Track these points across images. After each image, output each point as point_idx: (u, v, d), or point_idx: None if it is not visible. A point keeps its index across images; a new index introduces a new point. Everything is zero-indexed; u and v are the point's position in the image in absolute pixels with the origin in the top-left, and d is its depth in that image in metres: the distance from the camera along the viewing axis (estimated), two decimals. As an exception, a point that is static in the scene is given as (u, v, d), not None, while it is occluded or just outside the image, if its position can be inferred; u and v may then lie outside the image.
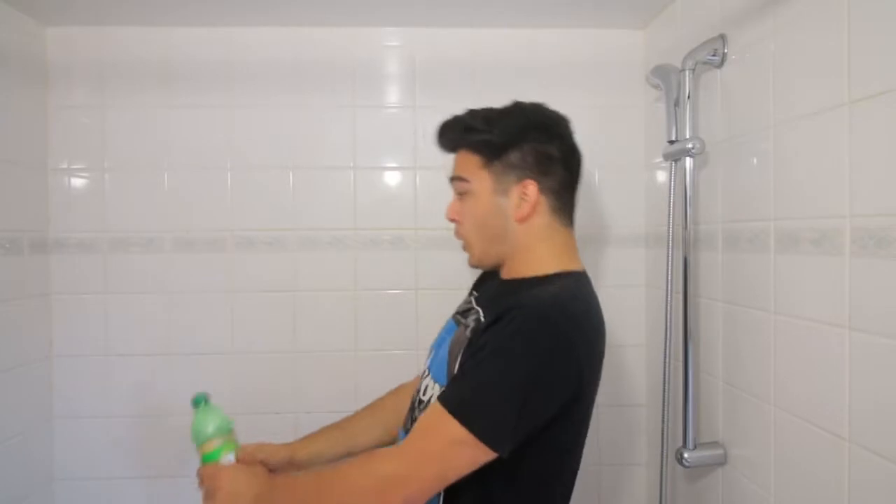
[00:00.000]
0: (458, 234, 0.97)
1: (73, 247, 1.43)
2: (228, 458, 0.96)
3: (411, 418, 0.94)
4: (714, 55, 1.10)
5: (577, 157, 0.95)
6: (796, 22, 0.90)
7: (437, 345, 0.98)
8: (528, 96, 1.46)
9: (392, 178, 1.47)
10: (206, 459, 0.97)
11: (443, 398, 0.77)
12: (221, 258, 1.44)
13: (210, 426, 0.97)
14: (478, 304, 0.94)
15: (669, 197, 1.18)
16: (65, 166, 1.43)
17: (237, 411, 1.44)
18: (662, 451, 1.20)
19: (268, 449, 1.04)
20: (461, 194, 0.94)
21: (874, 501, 0.76)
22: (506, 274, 0.95)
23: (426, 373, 0.96)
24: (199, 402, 1.01)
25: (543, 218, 0.91)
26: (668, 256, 1.19)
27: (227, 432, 0.98)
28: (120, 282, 1.43)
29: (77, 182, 1.43)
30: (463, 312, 0.97)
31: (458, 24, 1.45)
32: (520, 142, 0.89)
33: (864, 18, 0.77)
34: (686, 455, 1.10)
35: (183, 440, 1.45)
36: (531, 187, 0.89)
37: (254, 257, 1.45)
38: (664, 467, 1.21)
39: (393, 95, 1.47)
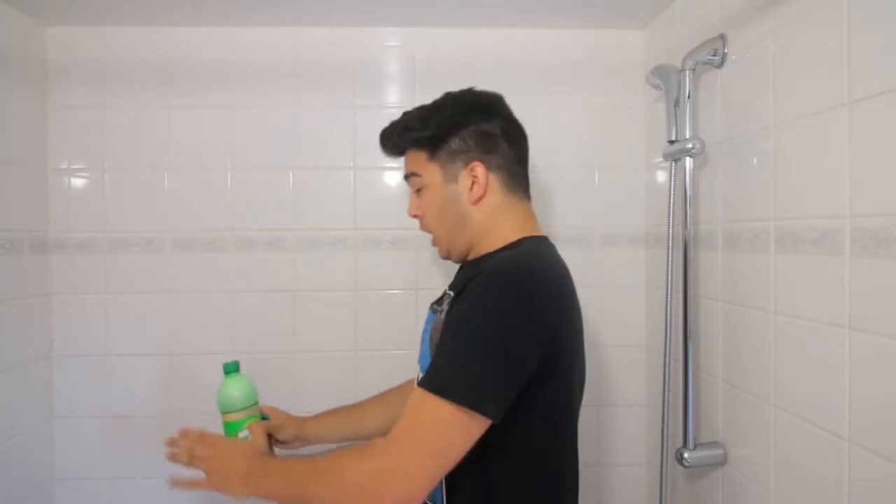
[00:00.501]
0: (422, 228, 1.01)
1: (73, 247, 1.43)
2: (246, 433, 0.98)
3: None
4: (714, 55, 1.10)
5: (517, 130, 0.97)
6: (796, 22, 0.90)
7: (423, 335, 0.99)
8: (529, 96, 1.46)
9: (392, 178, 1.47)
10: (228, 428, 0.99)
11: (421, 381, 0.77)
12: (221, 258, 1.44)
13: (237, 396, 0.98)
14: (450, 289, 0.96)
15: (669, 197, 1.18)
16: (65, 166, 1.43)
17: (237, 411, 1.45)
18: (662, 451, 1.20)
19: (279, 419, 1.08)
20: (418, 190, 0.97)
21: (874, 501, 0.76)
22: (472, 256, 0.97)
23: (417, 369, 0.98)
24: (231, 369, 1.01)
25: (497, 196, 0.93)
26: (668, 256, 1.19)
27: (252, 405, 1.00)
28: (120, 282, 1.43)
29: (77, 182, 1.43)
30: (438, 301, 0.98)
31: (458, 24, 1.45)
32: (457, 128, 0.92)
33: (864, 18, 0.77)
34: (686, 455, 1.10)
35: (183, 440, 1.45)
36: (479, 168, 0.91)
37: (254, 257, 1.45)
38: (664, 467, 1.21)
39: (393, 95, 1.47)
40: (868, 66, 0.76)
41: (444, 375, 0.76)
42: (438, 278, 1.46)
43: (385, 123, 1.45)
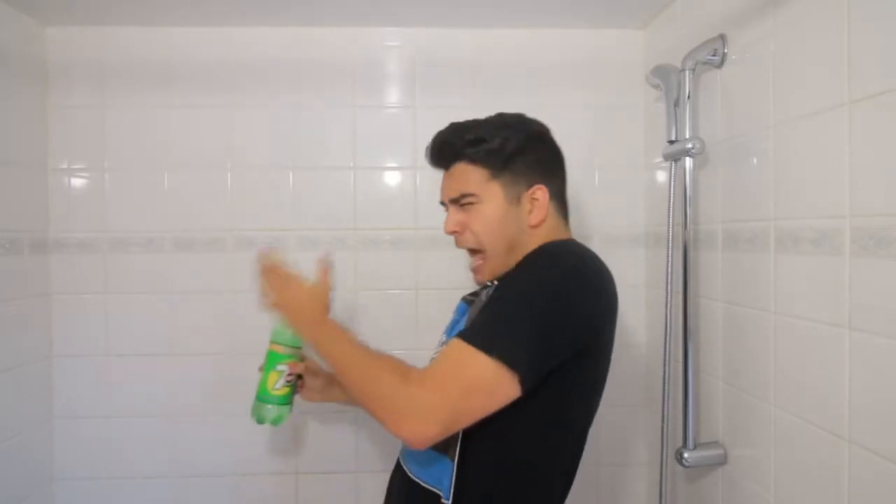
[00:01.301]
0: (461, 244, 0.96)
1: (73, 247, 1.43)
2: (282, 367, 1.04)
3: None
4: (714, 55, 1.10)
5: (563, 160, 1.00)
6: (796, 22, 0.90)
7: (451, 328, 1.00)
8: (528, 96, 1.47)
9: (392, 178, 1.47)
10: (270, 357, 1.05)
11: (462, 335, 0.79)
12: (221, 258, 1.44)
13: (290, 333, 1.04)
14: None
15: (669, 197, 1.18)
16: (65, 166, 1.43)
17: (237, 412, 1.45)
18: (662, 451, 1.20)
19: (315, 367, 1.12)
20: (464, 205, 0.93)
21: (874, 501, 0.76)
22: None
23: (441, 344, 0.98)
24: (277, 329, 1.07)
25: (553, 221, 0.95)
26: (668, 256, 1.19)
27: (297, 348, 1.06)
28: (120, 282, 1.43)
29: (77, 182, 1.43)
30: (473, 293, 0.99)
31: (458, 24, 1.45)
32: (524, 149, 0.91)
33: (864, 18, 0.77)
34: (686, 455, 1.10)
35: (183, 440, 1.45)
36: (541, 192, 0.91)
37: (254, 257, 1.44)
38: (664, 467, 1.21)
39: (393, 95, 1.47)
40: (868, 66, 0.76)
41: (487, 332, 0.77)
42: (439, 278, 1.46)
43: (385, 123, 1.47)
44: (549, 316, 0.78)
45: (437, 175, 1.61)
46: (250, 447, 1.45)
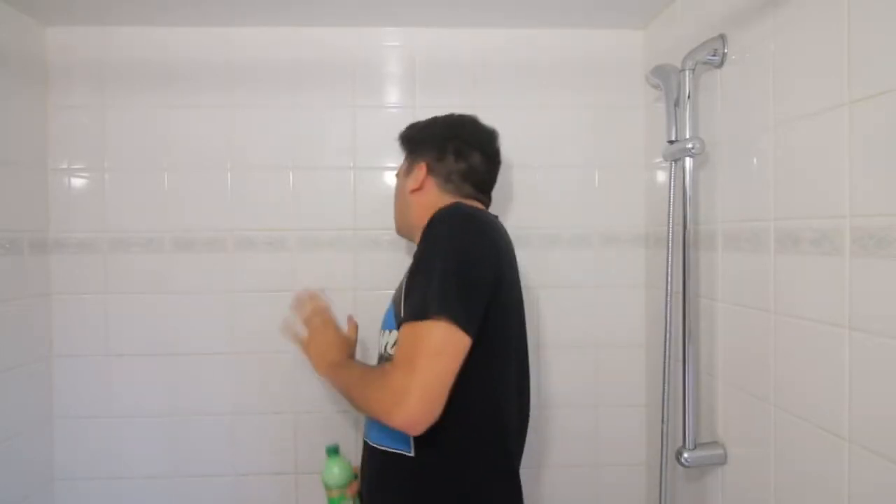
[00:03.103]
0: None
1: (73, 247, 1.43)
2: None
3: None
4: (714, 55, 1.10)
5: (475, 155, 1.10)
6: (796, 22, 0.90)
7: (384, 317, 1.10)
8: (528, 96, 1.47)
9: (392, 178, 1.47)
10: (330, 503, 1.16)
11: (404, 318, 0.87)
12: (221, 258, 1.44)
13: (336, 475, 1.15)
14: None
15: (669, 197, 1.18)
16: (65, 166, 1.43)
17: (237, 411, 1.46)
18: (662, 451, 1.20)
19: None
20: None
21: (874, 501, 0.76)
22: (416, 240, 1.06)
23: (380, 336, 1.07)
24: (330, 452, 1.17)
25: (433, 193, 1.09)
26: (667, 256, 1.19)
27: (347, 485, 1.15)
28: (120, 282, 1.43)
29: (77, 182, 1.43)
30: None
31: (458, 24, 1.45)
32: (428, 138, 1.12)
33: (864, 18, 0.77)
34: (686, 455, 1.10)
35: (183, 440, 1.45)
36: (421, 168, 1.09)
37: (254, 257, 1.45)
38: (664, 467, 1.21)
39: (393, 95, 1.47)
40: (868, 66, 0.76)
41: (419, 303, 0.85)
42: (438, 278, 1.46)
43: (385, 123, 1.47)
44: (461, 266, 0.87)
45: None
46: (250, 447, 1.45)
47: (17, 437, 1.31)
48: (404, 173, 1.15)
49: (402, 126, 1.16)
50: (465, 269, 0.87)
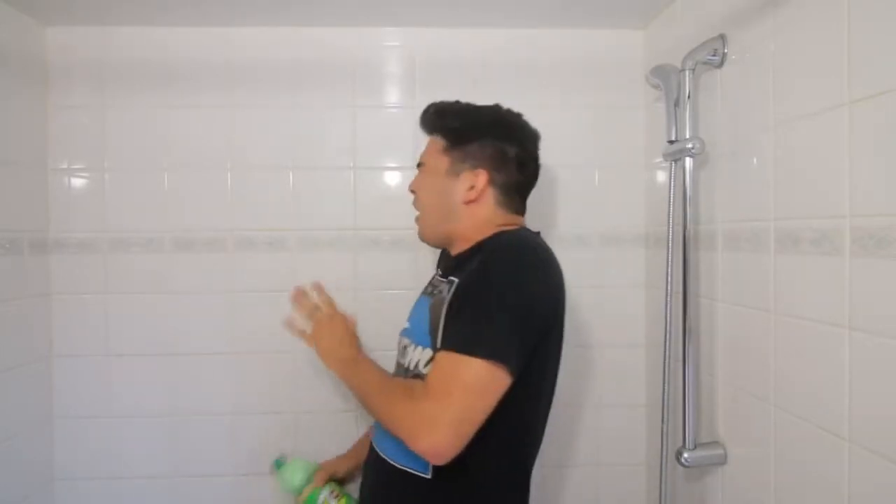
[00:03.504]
0: (414, 205, 1.08)
1: (73, 247, 1.43)
2: (325, 494, 1.13)
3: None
4: (714, 55, 1.10)
5: (532, 165, 1.04)
6: (796, 22, 0.90)
7: (410, 318, 1.06)
8: (528, 96, 1.47)
9: (392, 178, 1.47)
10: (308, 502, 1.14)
11: (448, 346, 0.83)
12: (221, 258, 1.44)
13: (297, 480, 1.13)
14: (444, 277, 1.01)
15: (669, 197, 1.18)
16: (65, 166, 1.43)
17: (237, 411, 1.46)
18: (662, 451, 1.20)
19: (333, 467, 1.25)
20: (419, 169, 1.06)
21: (874, 501, 0.76)
22: (456, 250, 1.03)
23: (404, 344, 1.02)
24: (278, 465, 1.15)
25: (490, 207, 1.00)
26: (667, 256, 1.19)
27: (310, 476, 1.15)
28: (120, 282, 1.43)
29: (77, 182, 1.43)
30: (432, 285, 1.06)
31: (458, 24, 1.45)
32: (482, 136, 0.99)
33: (864, 18, 0.77)
34: (686, 455, 1.10)
35: (183, 440, 1.45)
36: (482, 177, 0.98)
37: (254, 257, 1.45)
38: (664, 467, 1.21)
39: (393, 95, 1.47)
40: (868, 66, 0.76)
41: (469, 337, 0.82)
42: (438, 278, 1.46)
43: (385, 123, 1.48)
44: (521, 309, 0.84)
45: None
46: (250, 447, 1.45)
47: (17, 437, 1.31)
48: (446, 173, 1.00)
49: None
50: (523, 314, 0.84)
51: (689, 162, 1.13)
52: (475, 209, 0.99)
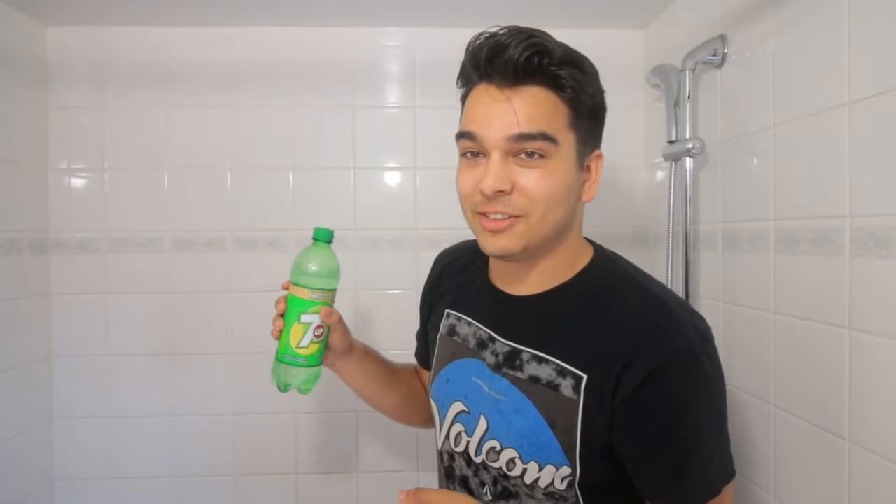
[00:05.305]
0: (493, 206, 0.67)
1: (73, 247, 1.43)
2: (310, 317, 0.81)
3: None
4: (714, 55, 1.10)
5: None
6: (796, 22, 0.90)
7: (469, 397, 0.78)
8: (528, 96, 1.45)
9: (392, 178, 1.47)
10: (292, 303, 0.83)
11: (690, 496, 0.68)
12: (221, 258, 1.44)
13: (322, 270, 0.81)
14: (527, 346, 0.72)
15: (669, 197, 1.18)
16: (65, 166, 1.43)
17: (237, 411, 1.46)
18: (662, 451, 1.20)
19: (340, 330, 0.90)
20: (530, 154, 0.65)
21: (874, 501, 0.76)
22: (536, 276, 0.74)
23: (491, 446, 0.74)
24: (321, 237, 0.83)
25: (580, 208, 0.75)
26: (668, 256, 1.19)
27: (331, 291, 0.84)
28: (120, 282, 1.43)
29: (77, 182, 1.43)
30: (508, 359, 0.74)
31: (458, 24, 1.44)
32: (604, 103, 0.72)
33: (864, 18, 0.77)
34: (686, 455, 1.09)
35: (183, 440, 1.45)
36: (601, 161, 0.72)
37: (254, 257, 1.45)
38: (664, 467, 1.20)
39: (393, 95, 1.47)
40: (868, 66, 0.76)
41: (713, 475, 0.67)
42: (438, 278, 1.46)
43: (385, 123, 1.47)
44: (725, 413, 0.69)
45: (437, 174, 1.61)
46: (250, 447, 1.45)
47: (17, 437, 1.31)
48: (575, 159, 0.68)
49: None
50: (725, 411, 0.69)
51: (689, 162, 1.13)
52: (579, 210, 0.73)
